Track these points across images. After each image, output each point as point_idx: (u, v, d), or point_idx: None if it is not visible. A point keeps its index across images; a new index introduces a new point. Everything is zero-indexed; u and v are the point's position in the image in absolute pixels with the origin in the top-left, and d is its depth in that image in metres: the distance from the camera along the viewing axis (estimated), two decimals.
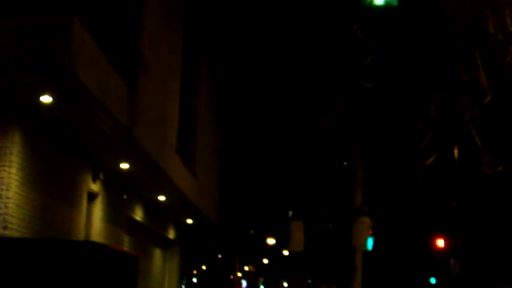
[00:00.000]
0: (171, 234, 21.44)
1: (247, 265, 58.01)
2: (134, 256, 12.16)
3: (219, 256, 47.79)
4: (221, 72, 23.65)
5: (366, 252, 22.11)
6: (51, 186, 11.95)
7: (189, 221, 21.37)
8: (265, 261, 54.97)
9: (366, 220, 21.87)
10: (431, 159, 12.93)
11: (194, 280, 53.93)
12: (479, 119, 11.92)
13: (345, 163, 52.99)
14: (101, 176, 14.28)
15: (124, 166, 14.20)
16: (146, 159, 13.90)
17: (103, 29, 11.23)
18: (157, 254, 21.10)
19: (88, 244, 11.25)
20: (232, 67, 25.90)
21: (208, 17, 20.02)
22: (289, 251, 29.78)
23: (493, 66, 12.20)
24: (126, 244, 17.09)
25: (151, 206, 18.33)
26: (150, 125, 13.68)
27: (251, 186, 37.89)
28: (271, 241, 44.20)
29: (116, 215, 15.65)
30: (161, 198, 17.61)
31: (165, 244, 21.72)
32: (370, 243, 21.81)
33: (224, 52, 23.32)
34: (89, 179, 13.83)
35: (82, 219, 13.52)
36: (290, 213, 24.23)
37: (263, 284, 63.74)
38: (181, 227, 22.11)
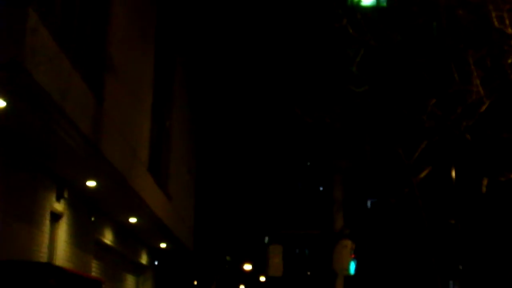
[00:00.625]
0: (144, 259, 20.05)
1: None
2: (96, 280, 10.82)
3: (195, 282, 46.32)
4: (197, 90, 22.45)
5: (348, 277, 20.90)
6: (9, 204, 10.61)
7: (163, 245, 19.99)
8: (242, 287, 53.52)
9: (347, 243, 20.68)
10: (424, 173, 11.81)
11: None
12: (477, 128, 10.80)
13: (321, 188, 51.98)
14: (65, 194, 12.91)
15: (91, 183, 12.84)
16: (114, 176, 12.59)
17: (65, 26, 9.96)
18: (130, 280, 19.69)
19: (41, 265, 9.89)
20: (208, 84, 24.71)
21: (181, 27, 18.83)
22: (267, 276, 28.44)
23: (491, 71, 11.05)
24: (95, 269, 15.71)
25: (122, 229, 16.96)
26: (118, 137, 12.38)
27: (227, 211, 36.58)
28: (247, 267, 42.82)
29: (84, 238, 14.27)
30: (133, 220, 16.25)
31: (138, 270, 20.31)
32: (352, 267, 20.57)
33: (200, 68, 22.16)
34: (52, 197, 12.45)
35: (45, 241, 12.13)
36: (267, 238, 22.77)
37: None
38: (154, 252, 20.73)
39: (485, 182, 11.13)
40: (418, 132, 11.38)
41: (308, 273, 46.75)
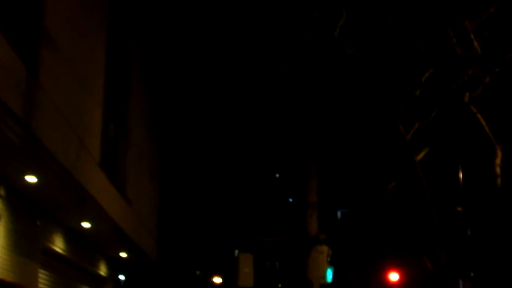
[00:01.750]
0: (103, 271, 17.85)
1: None
2: None
3: None
4: (159, 89, 20.41)
5: (324, 285, 18.92)
6: None
7: (124, 255, 17.82)
8: None
9: (324, 249, 18.68)
10: (424, 152, 10.01)
11: None
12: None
13: (290, 200, 49.98)
14: (2, 192, 10.81)
15: (31, 179, 10.71)
16: (58, 170, 10.48)
17: None
18: None
19: None
20: (171, 82, 22.69)
21: (139, 14, 16.81)
22: (238, 286, 26.30)
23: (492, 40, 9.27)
24: (43, 281, 13.56)
25: (75, 236, 14.80)
26: (60, 123, 10.30)
27: (194, 220, 34.41)
28: (217, 280, 40.59)
29: (28, 245, 12.13)
30: (86, 225, 14.11)
31: (96, 282, 18.10)
32: (329, 274, 18.54)
33: (161, 62, 20.13)
34: None
35: None
36: (237, 252, 20.69)
37: None
38: (115, 262, 18.54)
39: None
40: (416, 107, 9.66)
41: (280, 285, 44.66)
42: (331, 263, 18.52)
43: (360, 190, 34.05)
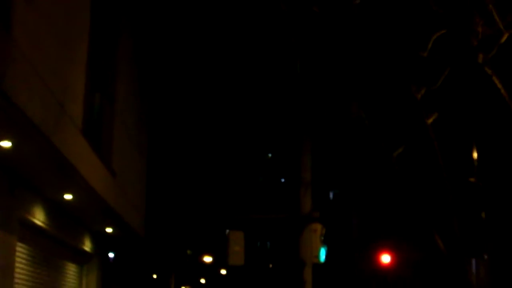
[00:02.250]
0: (88, 246, 17.00)
1: (183, 286, 53.23)
2: None
3: (154, 276, 43.22)
4: (148, 63, 19.49)
5: (316, 265, 18.11)
6: None
7: (109, 230, 16.97)
8: (202, 281, 50.41)
9: (317, 227, 17.85)
10: (431, 119, 9.17)
11: None
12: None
13: (282, 180, 49.14)
14: None
15: (5, 144, 9.81)
16: (34, 134, 9.59)
17: None
18: (70, 269, 16.67)
19: None
20: (161, 58, 21.78)
21: None
22: (228, 266, 25.48)
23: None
24: (20, 254, 12.71)
25: (56, 208, 13.93)
26: (37, 84, 9.39)
27: (184, 198, 33.51)
28: (208, 259, 39.75)
29: (3, 216, 11.28)
30: (68, 197, 13.23)
31: (80, 258, 17.27)
32: (322, 254, 17.71)
33: (151, 39, 19.19)
34: None
35: None
36: (227, 231, 19.92)
37: None
38: (100, 237, 17.70)
39: None
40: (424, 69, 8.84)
41: (270, 265, 43.92)
42: (324, 242, 17.72)
43: (354, 170, 33.27)
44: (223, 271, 46.19)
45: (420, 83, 9.09)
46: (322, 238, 17.64)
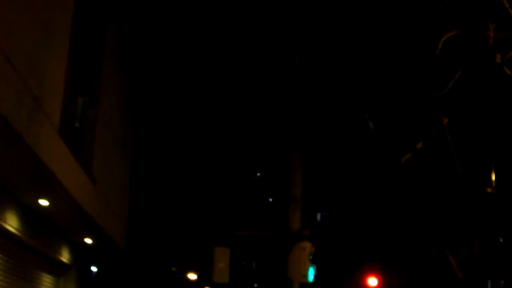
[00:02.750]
0: (65, 257, 15.97)
1: None
2: None
3: None
4: (135, 65, 18.59)
5: (304, 285, 17.20)
6: None
7: (89, 241, 15.98)
8: None
9: (306, 245, 16.94)
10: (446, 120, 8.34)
11: None
12: None
13: (270, 200, 48.16)
14: None
15: None
16: (4, 130, 8.65)
17: None
18: (46, 281, 15.63)
19: None
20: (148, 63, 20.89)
21: None
22: (212, 284, 24.41)
23: None
24: None
25: (32, 215, 12.96)
26: (7, 72, 8.46)
27: (169, 214, 32.47)
28: (192, 276, 38.63)
29: None
30: (44, 202, 12.26)
31: (57, 269, 16.25)
32: (311, 273, 16.77)
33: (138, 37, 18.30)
34: None
35: None
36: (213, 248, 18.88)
37: None
38: (78, 249, 16.68)
39: None
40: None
41: (256, 285, 42.83)
42: (313, 262, 16.81)
43: (343, 190, 32.33)
44: None
45: (432, 85, 8.30)
46: (311, 257, 16.73)
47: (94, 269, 34.49)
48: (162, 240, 32.56)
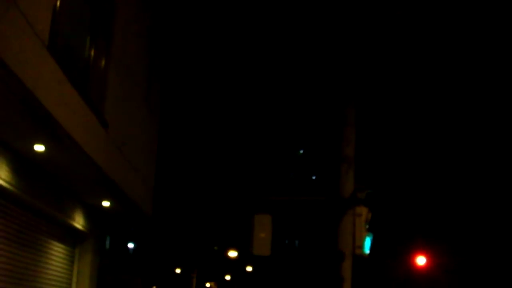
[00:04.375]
0: (80, 223, 13.20)
1: (208, 282, 49.35)
2: None
3: (178, 271, 39.45)
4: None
5: (357, 257, 14.20)
6: None
7: (106, 204, 13.14)
8: (228, 277, 46.54)
9: (362, 211, 13.87)
10: None
11: None
12: None
13: (313, 177, 45.19)
14: None
15: None
16: None
17: None
18: (57, 250, 12.88)
19: None
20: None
21: None
22: (253, 257, 21.39)
23: None
24: None
25: (30, 167, 10.15)
26: None
27: (205, 180, 29.53)
28: (233, 253, 35.81)
29: None
30: (39, 148, 9.43)
31: (71, 238, 13.49)
32: (367, 244, 13.74)
33: None
34: None
35: None
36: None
37: None
38: (96, 214, 13.89)
39: None
40: None
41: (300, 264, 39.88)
42: (370, 230, 13.77)
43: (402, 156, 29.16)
44: (249, 268, 42.36)
45: None
46: (367, 225, 13.69)
47: (131, 245, 32.01)
48: (195, 208, 29.65)
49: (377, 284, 33.40)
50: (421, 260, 31.53)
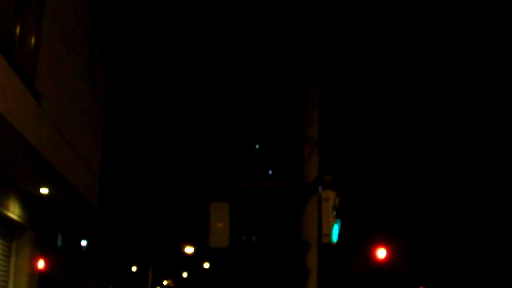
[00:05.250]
0: (15, 213, 11.48)
1: (165, 279, 47.62)
2: None
3: (134, 269, 37.73)
4: None
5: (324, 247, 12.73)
6: None
7: (44, 191, 11.43)
8: (185, 274, 44.87)
9: (330, 195, 12.40)
10: None
11: None
12: None
13: (270, 172, 43.73)
14: None
15: None
16: None
17: None
18: None
19: None
20: None
21: None
22: (211, 253, 19.83)
23: None
24: None
25: None
26: None
27: (160, 175, 27.82)
28: (189, 249, 34.14)
29: None
30: None
31: (5, 230, 11.76)
32: (335, 231, 12.30)
33: None
34: None
35: None
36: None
37: None
38: (35, 203, 12.17)
39: None
40: None
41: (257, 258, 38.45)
42: (338, 216, 12.29)
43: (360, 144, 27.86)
44: (207, 265, 40.77)
45: None
46: (334, 212, 12.19)
47: (84, 243, 30.14)
48: (150, 204, 27.92)
49: (340, 277, 32.21)
50: (381, 253, 30.39)
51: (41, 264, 20.72)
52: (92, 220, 14.79)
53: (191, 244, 33.19)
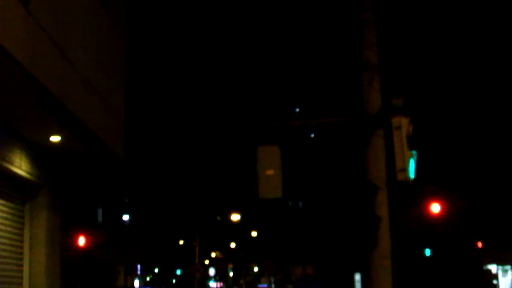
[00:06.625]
0: (24, 169, 9.18)
1: (213, 251, 45.58)
2: None
3: (181, 242, 35.75)
4: None
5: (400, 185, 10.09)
6: None
7: (54, 138, 9.08)
8: (233, 245, 42.78)
9: (402, 121, 9.76)
10: None
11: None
12: None
13: (312, 135, 40.70)
14: None
15: None
16: None
17: None
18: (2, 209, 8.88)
19: None
20: None
21: None
22: (257, 203, 17.36)
23: None
24: None
25: None
26: None
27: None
28: (235, 217, 31.76)
29: None
30: None
31: (15, 191, 9.47)
32: (412, 166, 9.65)
33: None
34: None
35: None
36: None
37: (232, 271, 51.61)
38: (46, 156, 9.84)
39: None
40: None
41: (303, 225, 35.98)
42: (413, 148, 9.74)
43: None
44: (254, 233, 38.52)
45: None
46: (409, 140, 9.59)
47: (125, 217, 28.14)
48: (187, 168, 25.58)
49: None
50: (435, 208, 28.11)
51: (81, 241, 18.81)
52: (121, 174, 12.49)
53: (237, 211, 30.90)
